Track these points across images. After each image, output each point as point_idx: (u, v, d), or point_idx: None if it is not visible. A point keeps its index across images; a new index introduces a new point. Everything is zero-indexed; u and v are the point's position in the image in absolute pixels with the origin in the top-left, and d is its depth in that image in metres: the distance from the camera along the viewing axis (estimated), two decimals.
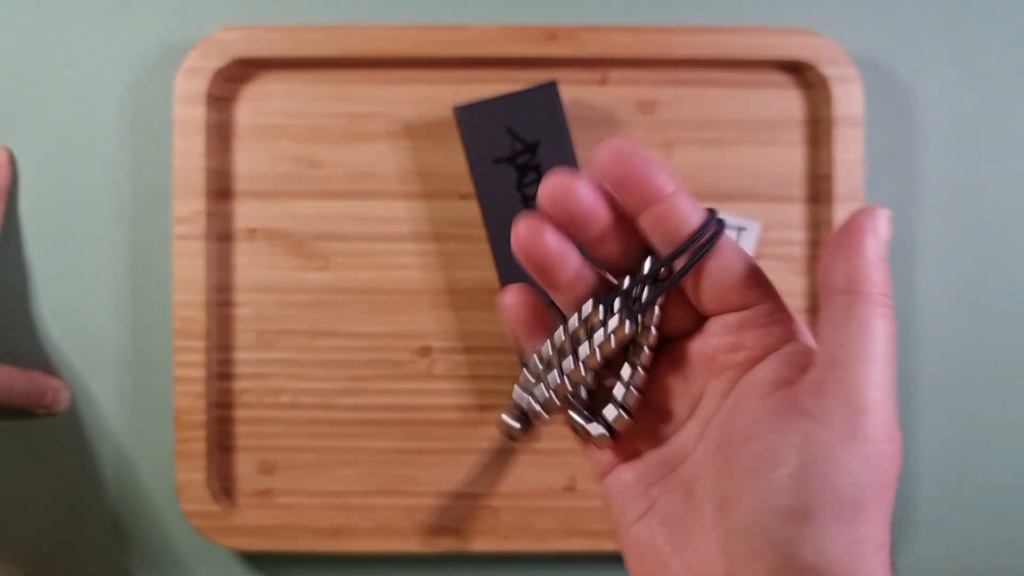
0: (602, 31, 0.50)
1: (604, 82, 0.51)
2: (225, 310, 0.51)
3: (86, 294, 0.51)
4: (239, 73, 0.50)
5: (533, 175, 0.47)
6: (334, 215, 0.51)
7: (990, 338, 0.52)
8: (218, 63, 0.49)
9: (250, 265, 0.51)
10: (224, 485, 0.51)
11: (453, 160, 0.51)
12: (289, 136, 0.51)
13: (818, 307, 0.51)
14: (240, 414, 0.51)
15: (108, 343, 0.52)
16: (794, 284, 0.51)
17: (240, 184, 0.51)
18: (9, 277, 0.51)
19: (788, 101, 0.51)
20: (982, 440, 0.52)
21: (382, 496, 0.51)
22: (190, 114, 0.49)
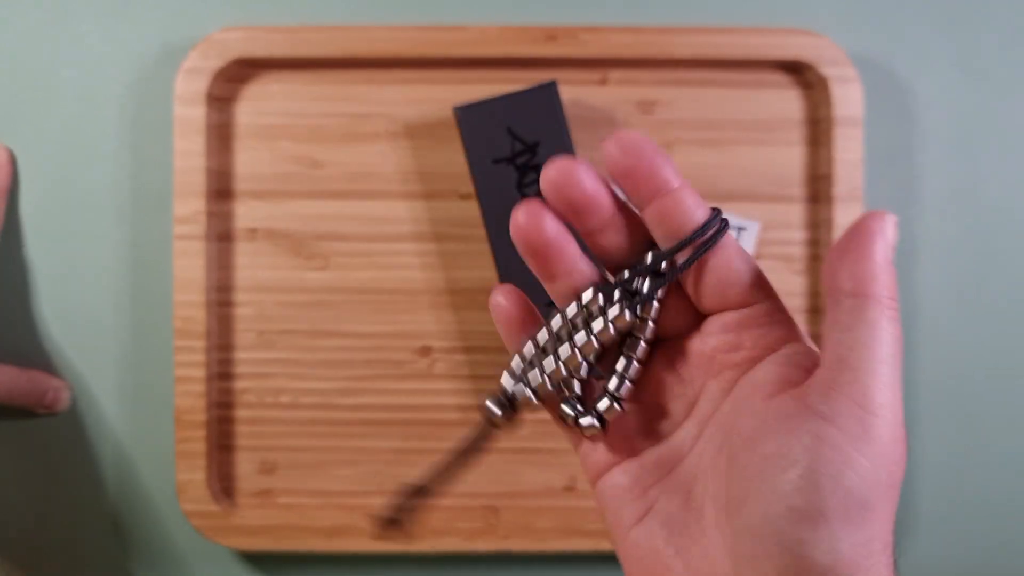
0: (602, 31, 0.50)
1: (604, 82, 0.51)
2: (225, 310, 0.51)
3: (87, 294, 0.52)
4: (239, 73, 0.51)
5: (533, 175, 0.47)
6: (334, 215, 0.51)
7: (990, 338, 0.52)
8: (218, 63, 0.49)
9: (250, 265, 0.51)
10: (224, 485, 0.51)
11: (453, 160, 0.51)
12: (289, 136, 0.51)
13: (818, 307, 0.51)
14: (240, 414, 0.51)
15: (109, 343, 0.52)
16: (794, 284, 0.51)
17: (240, 184, 0.51)
18: (10, 277, 0.52)
19: (788, 101, 0.51)
20: (982, 440, 0.52)
21: (382, 496, 0.51)
22: (190, 114, 0.49)
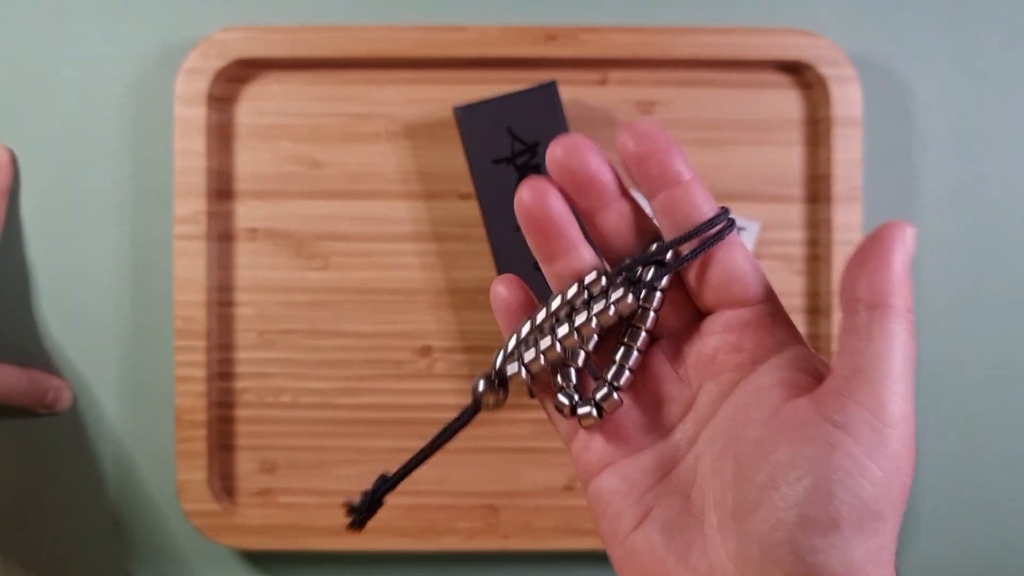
0: (602, 31, 0.50)
1: (604, 82, 0.51)
2: (226, 310, 0.51)
3: (87, 294, 0.52)
4: (239, 73, 0.51)
5: (533, 175, 0.47)
6: (334, 215, 0.51)
7: (990, 338, 0.52)
8: (219, 64, 0.49)
9: (251, 265, 0.51)
10: (225, 484, 0.51)
11: (453, 160, 0.51)
12: (289, 136, 0.51)
13: (817, 307, 0.51)
14: (241, 413, 0.51)
15: (109, 343, 0.52)
16: (793, 284, 0.51)
17: (241, 184, 0.51)
18: (10, 277, 0.52)
19: (787, 101, 0.51)
20: (982, 440, 0.52)
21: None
22: (191, 114, 0.49)
